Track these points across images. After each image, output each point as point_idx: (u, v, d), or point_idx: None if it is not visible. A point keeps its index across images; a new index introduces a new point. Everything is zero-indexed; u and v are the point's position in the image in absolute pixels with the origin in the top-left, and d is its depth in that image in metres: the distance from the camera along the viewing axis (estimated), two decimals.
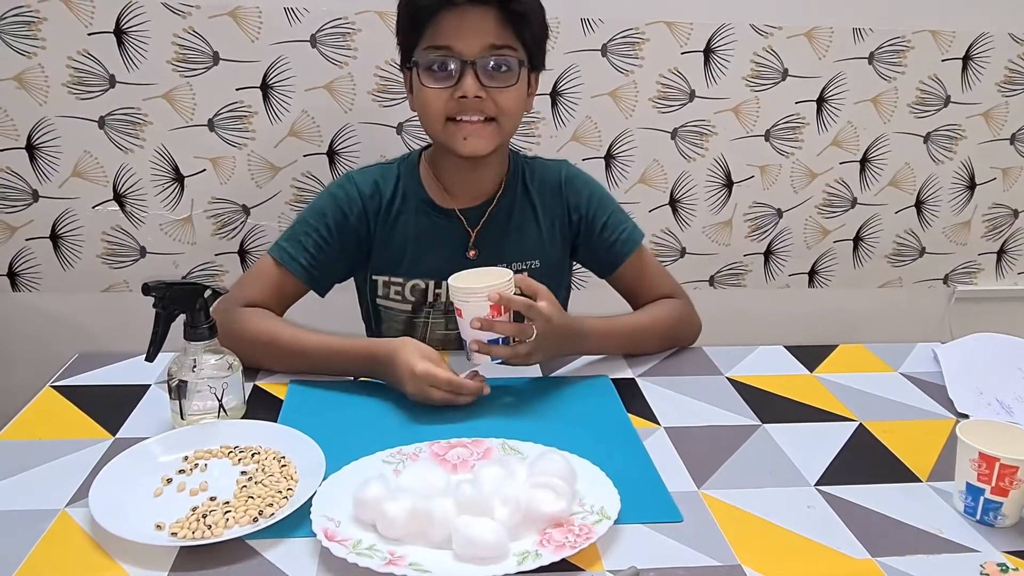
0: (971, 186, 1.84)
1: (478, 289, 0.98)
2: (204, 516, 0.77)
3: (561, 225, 1.24)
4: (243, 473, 0.86)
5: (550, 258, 1.24)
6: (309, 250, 1.16)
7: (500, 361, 1.02)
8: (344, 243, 1.18)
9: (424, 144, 1.27)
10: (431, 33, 1.08)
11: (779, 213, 1.80)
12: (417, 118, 1.59)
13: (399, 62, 1.17)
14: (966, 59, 1.72)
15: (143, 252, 1.64)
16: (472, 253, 1.20)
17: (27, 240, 1.61)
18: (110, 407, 1.00)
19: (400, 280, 1.20)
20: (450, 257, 1.17)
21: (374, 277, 1.22)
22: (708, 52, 1.64)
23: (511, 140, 1.23)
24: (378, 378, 1.06)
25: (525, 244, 1.22)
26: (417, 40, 1.10)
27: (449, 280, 1.01)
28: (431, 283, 1.20)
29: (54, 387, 1.06)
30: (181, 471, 0.87)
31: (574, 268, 1.34)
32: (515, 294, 1.00)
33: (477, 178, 1.20)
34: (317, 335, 1.08)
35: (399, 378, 1.00)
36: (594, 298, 1.78)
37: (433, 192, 1.21)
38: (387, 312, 1.23)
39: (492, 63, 1.08)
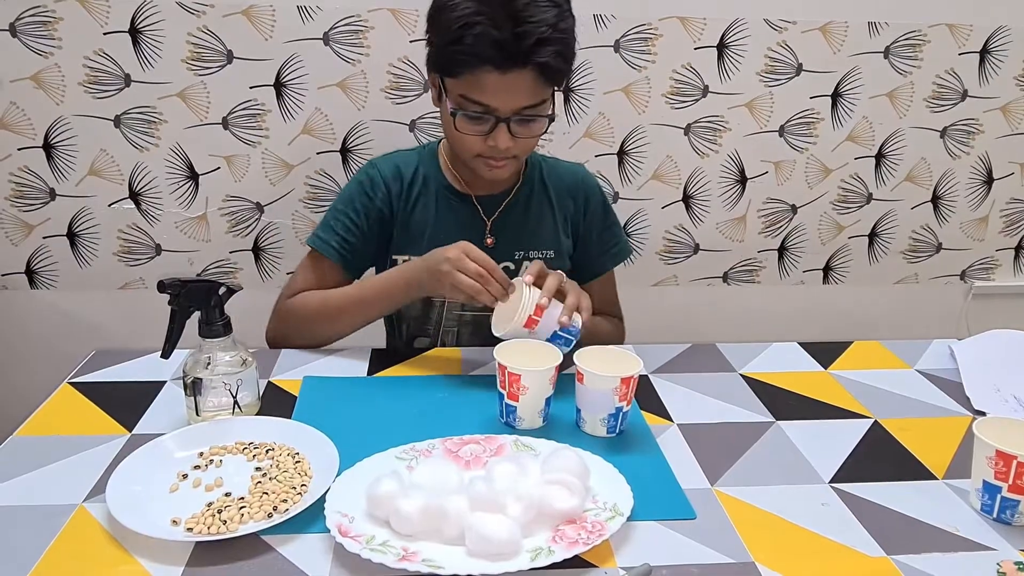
0: (988, 181, 1.82)
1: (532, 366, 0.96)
2: (219, 512, 0.78)
3: (573, 222, 1.30)
4: (258, 469, 0.87)
5: (561, 250, 1.28)
6: (340, 233, 1.22)
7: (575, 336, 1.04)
8: (371, 224, 1.23)
9: (441, 136, 1.29)
10: (469, 82, 1.08)
11: (793, 209, 1.79)
12: (430, 114, 1.61)
13: (426, 61, 1.17)
14: (983, 53, 1.70)
15: (158, 250, 1.66)
16: (489, 241, 1.24)
17: (44, 238, 1.62)
18: (126, 403, 1.01)
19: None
20: (467, 240, 1.19)
21: (394, 256, 1.26)
22: (721, 47, 1.64)
23: None
24: (422, 282, 1.10)
25: (542, 235, 1.27)
26: (452, 74, 1.09)
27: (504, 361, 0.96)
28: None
29: (71, 383, 1.07)
30: (196, 467, 0.88)
31: None
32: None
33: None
34: (356, 284, 1.21)
35: (437, 259, 1.05)
36: None
37: (452, 179, 1.26)
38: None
39: (522, 120, 1.11)
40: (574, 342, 1.04)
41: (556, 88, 1.13)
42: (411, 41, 1.55)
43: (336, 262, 1.22)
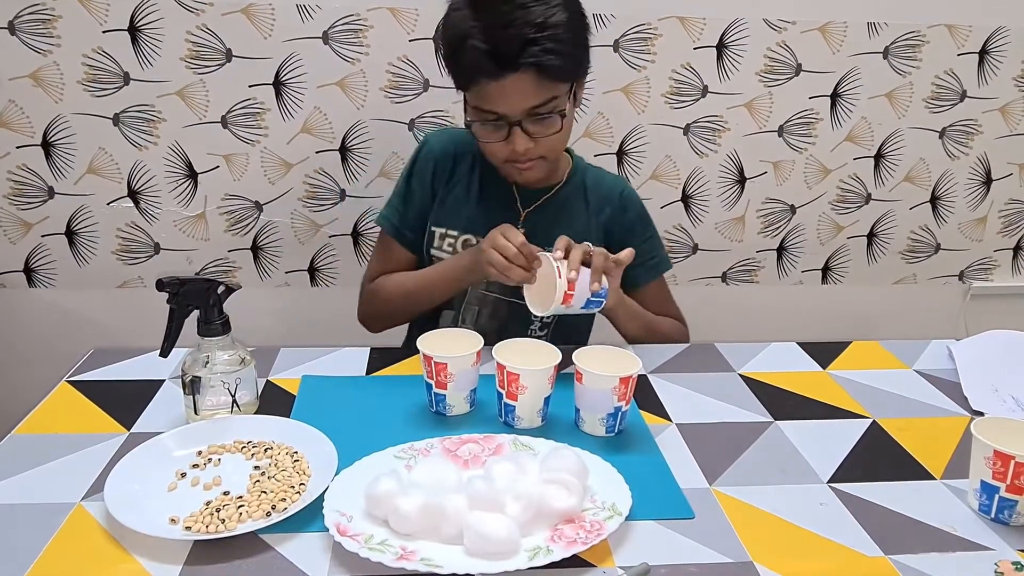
0: (987, 182, 1.82)
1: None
2: (218, 510, 0.78)
3: (607, 230, 1.30)
4: (256, 468, 0.87)
5: None
6: (399, 210, 1.30)
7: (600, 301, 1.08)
8: (424, 199, 1.29)
9: None
10: (476, 94, 1.12)
11: (792, 209, 1.79)
12: (429, 114, 1.61)
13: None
14: (982, 53, 1.70)
15: (157, 248, 1.66)
16: (521, 231, 1.23)
17: (43, 236, 1.62)
18: (125, 402, 1.01)
19: (455, 233, 1.27)
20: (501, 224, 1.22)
21: (432, 228, 1.29)
22: (721, 47, 1.64)
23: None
24: (473, 265, 1.15)
25: (575, 234, 1.25)
26: (463, 88, 1.14)
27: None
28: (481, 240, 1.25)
29: (70, 382, 1.07)
30: (195, 466, 0.88)
31: None
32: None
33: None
34: (426, 270, 1.26)
35: (483, 246, 1.11)
36: None
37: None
38: (439, 262, 1.29)
39: (535, 119, 1.12)
40: (603, 302, 1.09)
41: (565, 82, 1.13)
42: (410, 40, 1.55)
43: (396, 240, 1.29)
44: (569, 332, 1.30)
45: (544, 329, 1.28)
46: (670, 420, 1.01)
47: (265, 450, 0.89)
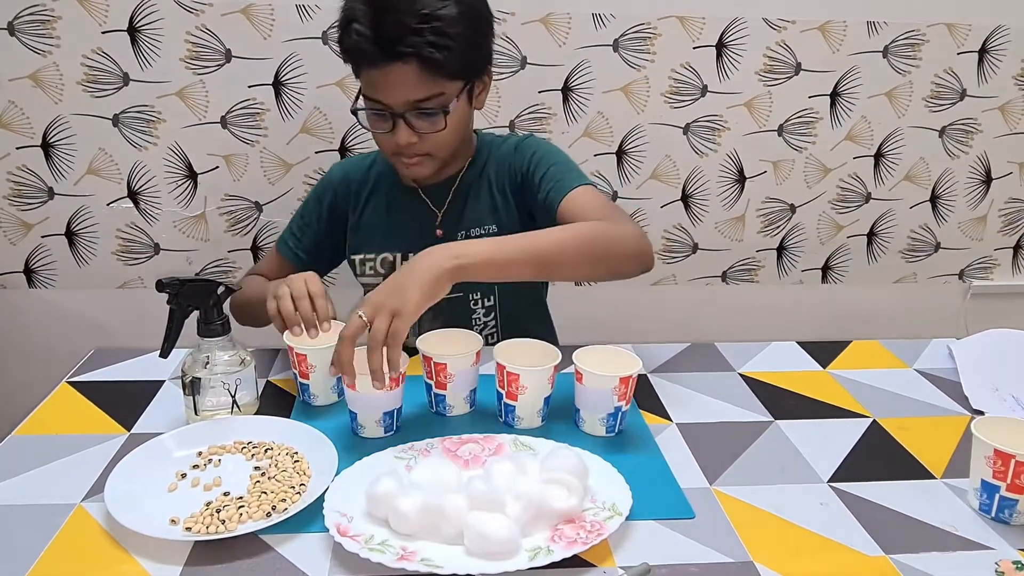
0: (987, 180, 1.82)
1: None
2: (218, 511, 0.78)
3: (512, 187, 1.23)
4: (256, 468, 0.87)
5: (506, 223, 1.22)
6: (295, 234, 1.30)
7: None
8: (319, 225, 1.29)
9: None
10: (364, 81, 1.10)
11: (792, 208, 1.79)
12: None
13: None
14: (982, 52, 1.70)
15: (157, 249, 1.66)
16: (439, 232, 1.23)
17: (43, 237, 1.62)
18: (125, 402, 1.01)
19: (372, 256, 1.26)
20: (419, 233, 1.22)
21: (352, 257, 1.29)
22: (720, 47, 1.64)
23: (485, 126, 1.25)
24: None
25: (480, 211, 1.23)
26: (355, 74, 1.12)
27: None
28: (398, 256, 1.25)
29: (70, 383, 1.07)
30: (195, 466, 0.88)
31: None
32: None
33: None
34: (261, 284, 1.19)
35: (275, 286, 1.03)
36: (596, 296, 1.78)
37: (400, 176, 1.25)
38: (367, 289, 1.28)
39: (419, 113, 1.09)
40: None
41: (453, 80, 1.07)
42: None
43: (289, 259, 1.28)
44: (519, 315, 1.27)
45: (490, 314, 1.26)
46: (670, 420, 1.01)
47: (265, 451, 0.89)
